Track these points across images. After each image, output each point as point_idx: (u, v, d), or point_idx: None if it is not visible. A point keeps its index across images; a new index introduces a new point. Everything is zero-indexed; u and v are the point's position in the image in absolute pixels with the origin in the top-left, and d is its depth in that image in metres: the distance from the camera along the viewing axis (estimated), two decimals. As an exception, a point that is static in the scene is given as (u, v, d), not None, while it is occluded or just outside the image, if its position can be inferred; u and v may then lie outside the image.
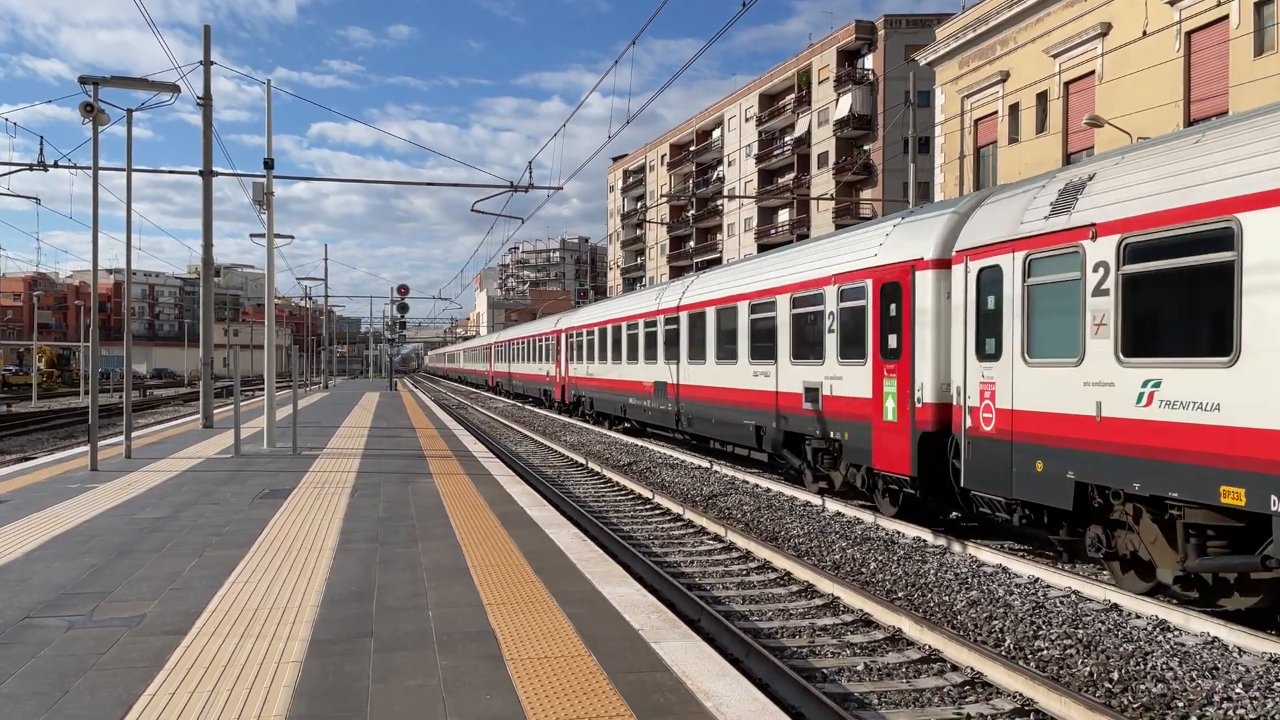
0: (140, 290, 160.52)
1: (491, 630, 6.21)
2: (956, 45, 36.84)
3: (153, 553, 8.68)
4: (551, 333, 41.14)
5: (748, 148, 77.45)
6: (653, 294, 26.37)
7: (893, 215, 14.42)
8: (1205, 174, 8.16)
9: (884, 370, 13.18)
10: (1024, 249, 10.28)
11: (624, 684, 5.19)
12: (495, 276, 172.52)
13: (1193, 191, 8.20)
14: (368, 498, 12.12)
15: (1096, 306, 9.20)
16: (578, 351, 35.33)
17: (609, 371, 30.34)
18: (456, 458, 17.19)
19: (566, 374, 37.61)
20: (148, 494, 12.46)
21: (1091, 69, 30.17)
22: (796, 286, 16.14)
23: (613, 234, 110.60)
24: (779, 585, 10.15)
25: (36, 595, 7.14)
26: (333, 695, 5.04)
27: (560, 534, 9.64)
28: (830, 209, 63.03)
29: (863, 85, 63.04)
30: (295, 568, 8.06)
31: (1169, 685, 6.93)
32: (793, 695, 6.61)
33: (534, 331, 46.52)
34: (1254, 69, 24.74)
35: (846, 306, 14.33)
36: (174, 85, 16.10)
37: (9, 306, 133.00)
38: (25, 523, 10.25)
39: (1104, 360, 9.09)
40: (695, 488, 17.05)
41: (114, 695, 5.04)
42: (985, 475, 10.89)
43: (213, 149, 23.72)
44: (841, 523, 13.38)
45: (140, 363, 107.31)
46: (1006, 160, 33.87)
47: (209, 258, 24.11)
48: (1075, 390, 9.45)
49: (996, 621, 8.57)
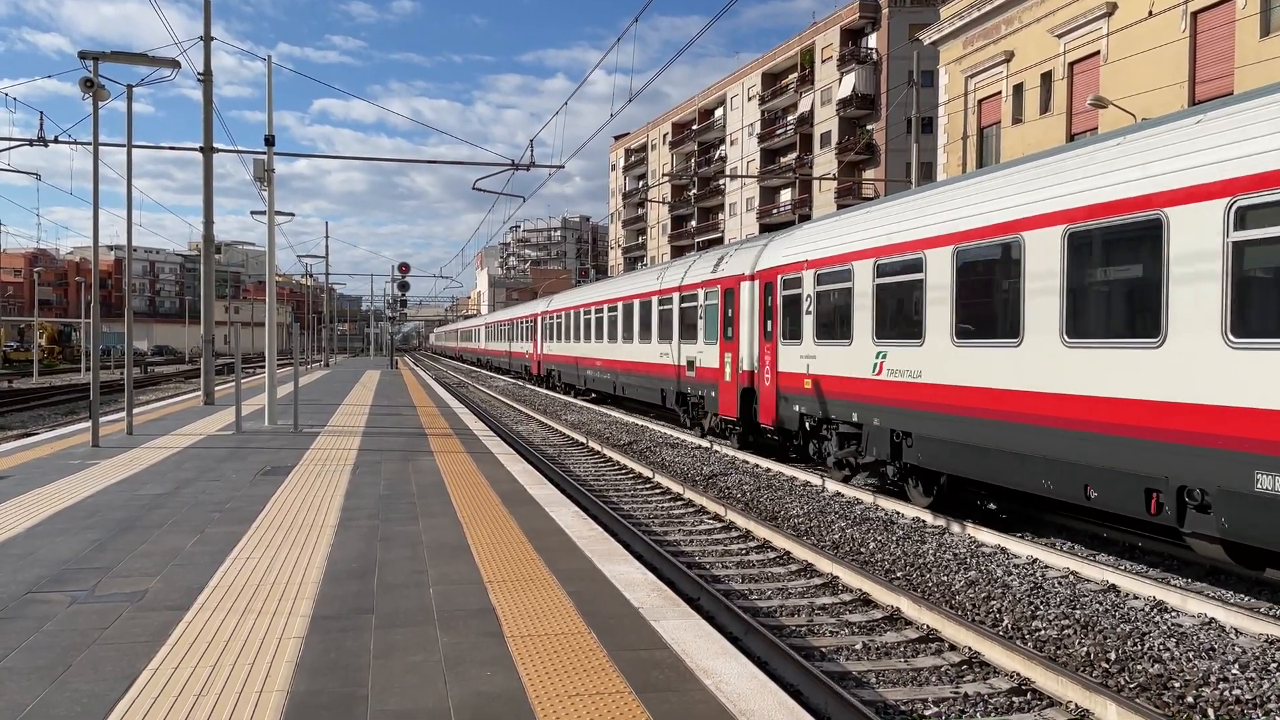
0: (141, 267, 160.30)
1: (492, 607, 6.24)
2: (961, 24, 36.59)
3: (155, 529, 8.71)
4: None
5: (750, 127, 77.09)
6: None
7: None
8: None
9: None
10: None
11: (624, 661, 5.22)
12: (496, 255, 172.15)
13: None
14: (369, 475, 12.15)
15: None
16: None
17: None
18: (457, 436, 17.22)
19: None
20: (149, 470, 12.49)
21: (1096, 49, 29.98)
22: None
23: (614, 213, 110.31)
24: (778, 564, 10.19)
25: (39, 570, 7.17)
26: (334, 670, 5.07)
27: (561, 512, 9.66)
28: (832, 189, 62.84)
29: (866, 64, 62.68)
30: (296, 545, 8.09)
31: (1166, 666, 6.97)
32: (791, 674, 6.65)
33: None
34: (1260, 49, 24.59)
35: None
36: (174, 61, 16.02)
37: (9, 283, 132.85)
38: (27, 498, 10.29)
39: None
40: (695, 467, 17.09)
41: (117, 669, 5.07)
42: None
43: (213, 125, 23.63)
44: (841, 503, 13.42)
45: (141, 340, 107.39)
46: (1010, 140, 33.72)
47: (210, 234, 24.05)
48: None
49: (994, 601, 8.60)
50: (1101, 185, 9.20)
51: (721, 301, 19.63)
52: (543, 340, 42.99)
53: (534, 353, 45.36)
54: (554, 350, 40.14)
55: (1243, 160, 7.74)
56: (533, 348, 46.00)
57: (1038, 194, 10.06)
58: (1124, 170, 9.01)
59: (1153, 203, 8.60)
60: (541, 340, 43.25)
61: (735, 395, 18.65)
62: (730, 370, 19.01)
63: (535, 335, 44.97)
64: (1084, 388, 9.31)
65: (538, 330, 44.29)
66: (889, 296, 12.99)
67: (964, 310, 11.29)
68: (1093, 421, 9.17)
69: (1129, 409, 8.76)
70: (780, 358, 16.52)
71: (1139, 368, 8.67)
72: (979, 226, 10.95)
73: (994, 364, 10.69)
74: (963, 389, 11.19)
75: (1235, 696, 6.39)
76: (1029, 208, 10.12)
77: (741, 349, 18.46)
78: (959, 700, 6.38)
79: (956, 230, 11.34)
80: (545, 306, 43.27)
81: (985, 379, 10.82)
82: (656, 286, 24.99)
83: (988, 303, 11.01)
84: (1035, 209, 10.05)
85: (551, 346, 40.75)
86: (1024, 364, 10.16)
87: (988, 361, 10.82)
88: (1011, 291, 10.41)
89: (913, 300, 12.31)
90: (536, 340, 44.68)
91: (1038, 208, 10.00)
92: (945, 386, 11.54)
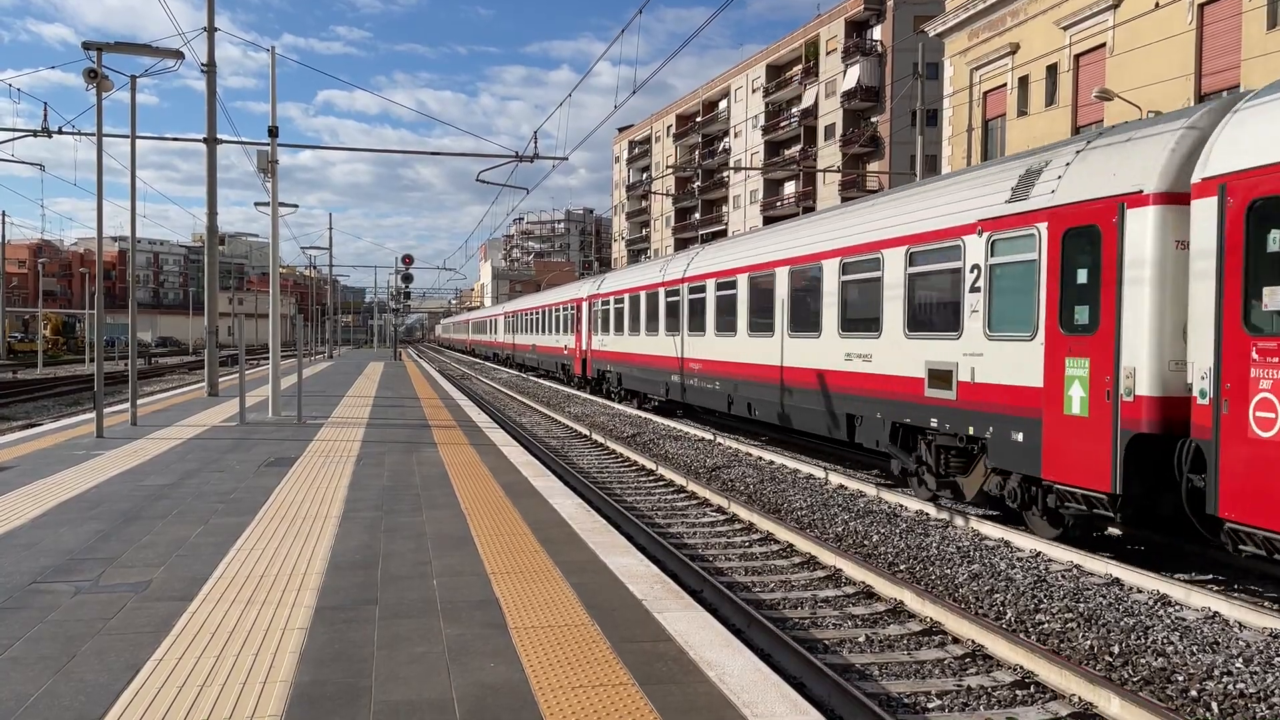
0: (145, 258, 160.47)
1: (496, 599, 6.24)
2: (966, 17, 36.44)
3: (159, 519, 8.72)
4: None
5: (754, 119, 76.89)
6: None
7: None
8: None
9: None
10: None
11: (627, 653, 5.22)
12: (500, 247, 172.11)
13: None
14: (372, 467, 12.16)
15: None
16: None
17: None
18: (461, 428, 17.22)
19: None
20: (153, 461, 12.51)
21: (1102, 41, 29.86)
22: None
23: (618, 205, 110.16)
24: (781, 557, 10.19)
25: (43, 560, 7.18)
26: (338, 661, 5.07)
27: (564, 504, 9.67)
28: (836, 181, 62.72)
29: (871, 57, 62.49)
30: (300, 536, 8.10)
31: (1169, 659, 6.97)
32: (795, 666, 6.65)
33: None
34: (1267, 42, 24.47)
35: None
36: (178, 52, 15.99)
37: (14, 274, 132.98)
38: (32, 488, 10.30)
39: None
40: (699, 460, 17.09)
41: (121, 659, 5.08)
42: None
43: (217, 116, 23.61)
44: (844, 496, 13.41)
45: (145, 331, 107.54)
46: (1015, 133, 33.60)
47: (213, 226, 24.04)
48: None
49: (998, 595, 8.60)
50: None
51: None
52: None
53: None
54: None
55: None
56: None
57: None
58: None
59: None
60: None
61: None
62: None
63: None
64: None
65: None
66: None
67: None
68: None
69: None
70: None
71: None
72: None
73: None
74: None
75: (1239, 690, 6.39)
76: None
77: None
78: (962, 693, 6.39)
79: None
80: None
81: None
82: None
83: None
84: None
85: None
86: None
87: None
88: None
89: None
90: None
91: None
92: None
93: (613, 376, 30.42)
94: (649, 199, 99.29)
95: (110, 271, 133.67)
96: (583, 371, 34.83)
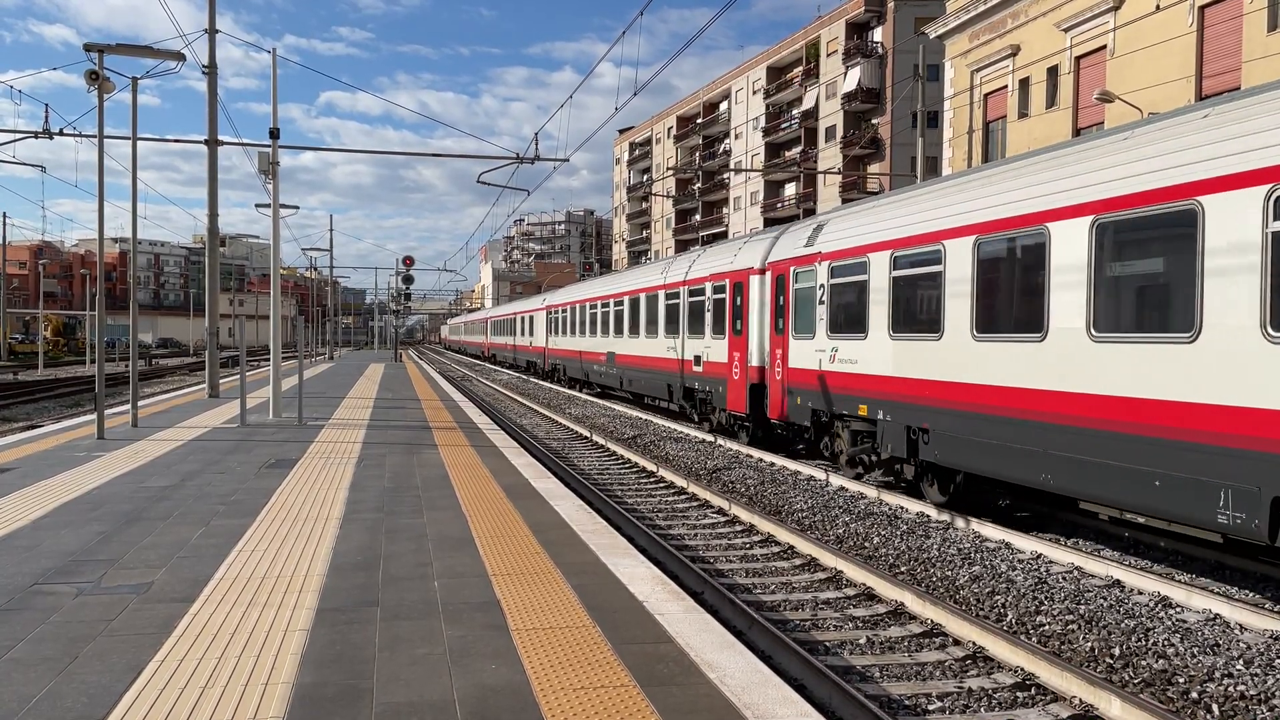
0: (146, 259, 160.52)
1: (497, 600, 6.25)
2: (967, 18, 36.45)
3: (160, 521, 8.73)
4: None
5: (755, 121, 76.92)
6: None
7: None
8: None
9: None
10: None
11: (628, 655, 5.22)
12: (500, 249, 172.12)
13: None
14: (373, 468, 12.17)
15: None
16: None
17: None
18: (461, 429, 17.23)
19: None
20: (154, 462, 12.52)
21: (1103, 43, 29.87)
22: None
23: (618, 207, 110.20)
24: (782, 559, 10.19)
25: (45, 562, 7.19)
26: (339, 663, 5.08)
27: (564, 506, 9.67)
28: (837, 183, 62.74)
29: (871, 58, 62.51)
30: (301, 537, 8.11)
31: (1170, 661, 6.97)
32: (795, 668, 6.66)
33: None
34: (1268, 44, 24.47)
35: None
36: (179, 53, 16.01)
37: (15, 275, 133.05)
38: (33, 490, 10.31)
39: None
40: (699, 461, 17.09)
41: (123, 661, 5.09)
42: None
43: (219, 118, 23.62)
44: (845, 498, 13.42)
45: (146, 332, 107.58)
46: (1015, 135, 33.61)
47: (214, 227, 24.06)
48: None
49: (999, 596, 8.60)
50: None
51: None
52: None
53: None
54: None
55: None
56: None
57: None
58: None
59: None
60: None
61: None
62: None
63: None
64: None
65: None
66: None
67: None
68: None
69: None
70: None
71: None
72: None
73: None
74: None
75: (1240, 692, 6.39)
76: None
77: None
78: (963, 695, 6.39)
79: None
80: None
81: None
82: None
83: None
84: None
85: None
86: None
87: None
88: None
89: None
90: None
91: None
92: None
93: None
94: (650, 200, 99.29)
95: (111, 273, 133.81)
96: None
